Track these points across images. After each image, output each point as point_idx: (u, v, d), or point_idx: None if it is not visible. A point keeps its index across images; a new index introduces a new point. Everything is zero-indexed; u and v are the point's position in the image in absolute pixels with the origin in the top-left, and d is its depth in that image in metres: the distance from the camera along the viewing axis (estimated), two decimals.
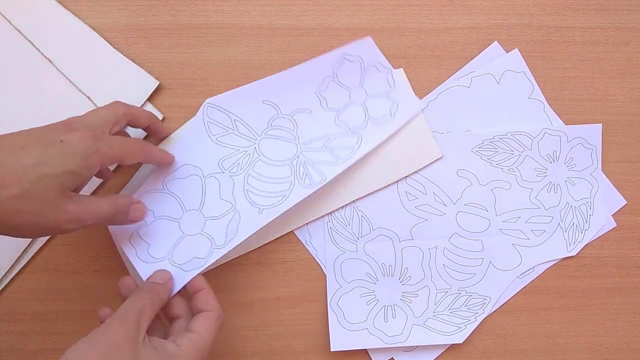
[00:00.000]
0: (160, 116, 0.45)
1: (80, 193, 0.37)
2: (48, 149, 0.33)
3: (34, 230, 0.33)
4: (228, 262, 0.45)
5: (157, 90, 0.45)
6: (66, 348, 0.31)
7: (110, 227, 0.42)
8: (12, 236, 0.34)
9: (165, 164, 0.43)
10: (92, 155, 0.35)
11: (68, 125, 0.36)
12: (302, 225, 0.46)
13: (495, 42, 0.47)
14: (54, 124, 0.36)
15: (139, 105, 0.45)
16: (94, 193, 0.45)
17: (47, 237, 0.45)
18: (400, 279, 0.46)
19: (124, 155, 0.37)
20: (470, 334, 0.46)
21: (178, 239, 0.41)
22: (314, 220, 0.46)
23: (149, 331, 0.36)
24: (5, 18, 0.45)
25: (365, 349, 0.46)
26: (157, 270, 0.40)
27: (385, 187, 0.46)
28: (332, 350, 0.44)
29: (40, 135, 0.34)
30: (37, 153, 0.33)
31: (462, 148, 0.47)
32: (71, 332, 0.45)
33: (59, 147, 0.34)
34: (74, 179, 0.34)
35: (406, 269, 0.46)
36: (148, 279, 0.40)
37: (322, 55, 0.45)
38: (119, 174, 0.45)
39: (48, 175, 0.33)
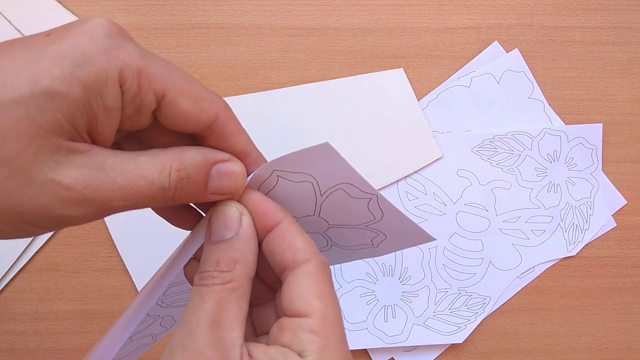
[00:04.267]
0: None
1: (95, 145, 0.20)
2: (15, 54, 0.19)
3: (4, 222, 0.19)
4: None
5: None
6: (66, 348, 0.31)
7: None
8: None
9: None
10: (104, 58, 0.19)
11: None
12: None
13: (495, 42, 0.47)
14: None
15: None
16: None
17: (48, 236, 0.45)
18: (400, 279, 0.46)
19: (169, 85, 0.20)
20: (470, 333, 0.46)
21: None
22: None
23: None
24: (5, 18, 0.45)
25: (365, 349, 0.46)
26: (215, 210, 0.23)
27: (385, 187, 0.46)
28: None
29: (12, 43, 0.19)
30: None
31: (462, 148, 0.47)
32: (71, 332, 0.45)
33: (40, 48, 0.19)
34: (69, 112, 0.19)
35: (406, 269, 0.46)
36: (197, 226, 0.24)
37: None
38: None
39: (4, 106, 0.18)
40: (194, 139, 0.23)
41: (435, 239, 0.26)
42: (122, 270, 0.44)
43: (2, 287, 0.44)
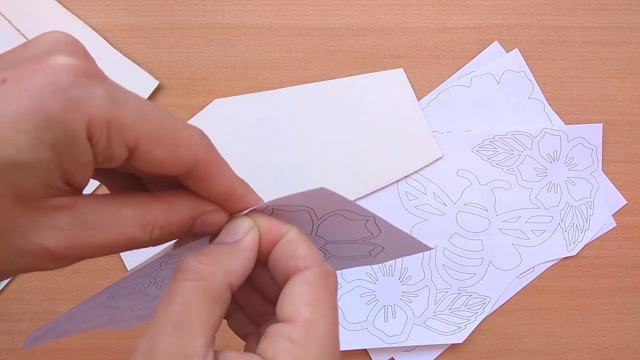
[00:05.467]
0: None
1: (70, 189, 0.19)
2: None
3: None
4: None
5: (157, 90, 0.45)
6: (66, 348, 0.31)
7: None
8: None
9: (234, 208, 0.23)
10: (69, 115, 0.17)
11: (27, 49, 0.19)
12: None
13: (495, 42, 0.47)
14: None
15: None
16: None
17: None
18: (400, 279, 0.46)
19: (142, 135, 0.19)
20: (470, 333, 0.46)
21: None
22: None
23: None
24: (5, 18, 0.45)
25: (365, 349, 0.46)
26: (232, 220, 0.22)
27: (385, 186, 0.46)
28: None
29: None
30: None
31: (462, 148, 0.47)
32: None
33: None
34: (41, 177, 0.17)
35: (406, 269, 0.46)
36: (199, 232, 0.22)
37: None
38: None
39: None
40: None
41: (432, 248, 0.26)
42: (122, 270, 0.44)
43: (2, 287, 0.44)
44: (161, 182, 0.23)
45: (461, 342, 0.46)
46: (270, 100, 0.46)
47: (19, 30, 0.45)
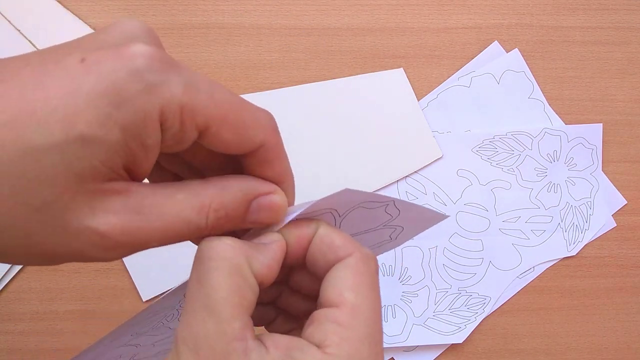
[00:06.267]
0: None
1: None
2: (47, 84, 0.17)
3: (26, 258, 0.19)
4: None
5: None
6: (66, 348, 0.31)
7: None
8: None
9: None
10: (144, 97, 0.18)
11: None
12: None
13: (495, 42, 0.47)
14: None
15: None
16: None
17: None
18: (400, 279, 0.46)
19: (212, 118, 0.19)
20: (470, 333, 0.46)
21: None
22: None
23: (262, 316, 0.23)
24: (5, 18, 0.45)
25: None
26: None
27: (385, 187, 0.46)
28: None
29: (41, 56, 0.18)
30: (19, 97, 0.17)
31: (462, 148, 0.47)
32: (71, 332, 0.45)
33: (75, 80, 0.17)
34: (106, 157, 0.18)
35: (406, 269, 0.46)
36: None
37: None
38: None
39: (40, 151, 0.17)
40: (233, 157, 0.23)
41: (448, 216, 0.26)
42: (122, 270, 0.44)
43: (2, 287, 0.44)
44: (211, 171, 0.23)
45: (461, 342, 0.46)
46: (270, 100, 0.46)
47: (19, 30, 0.45)
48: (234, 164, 0.23)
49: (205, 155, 0.23)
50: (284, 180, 0.23)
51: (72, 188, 0.17)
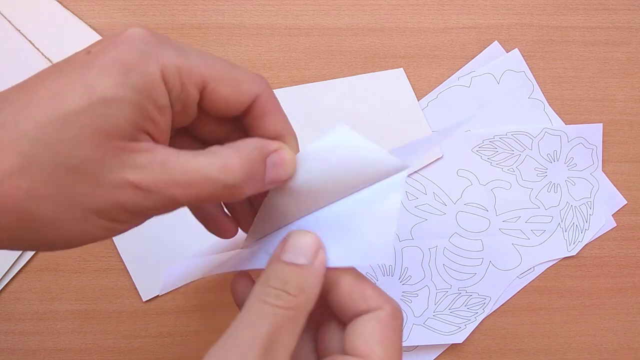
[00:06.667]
0: None
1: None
2: (65, 72, 0.20)
3: (68, 224, 0.20)
4: None
5: None
6: (66, 348, 0.32)
7: None
8: (32, 249, 0.24)
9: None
10: (145, 63, 0.20)
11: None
12: None
13: (495, 42, 0.47)
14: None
15: None
16: None
17: None
18: (400, 279, 0.46)
19: (208, 76, 0.22)
20: (470, 333, 0.46)
21: None
22: None
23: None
24: (5, 18, 0.45)
25: None
26: (294, 233, 0.24)
27: None
28: None
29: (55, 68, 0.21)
30: (52, 88, 0.20)
31: (462, 148, 0.47)
32: (71, 332, 0.45)
33: (86, 64, 0.20)
34: (128, 115, 0.20)
35: (406, 269, 0.46)
36: (272, 250, 0.24)
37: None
38: None
39: (68, 116, 0.19)
40: (237, 123, 0.25)
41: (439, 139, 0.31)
42: (122, 270, 0.44)
43: (2, 287, 0.44)
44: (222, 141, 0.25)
45: (461, 342, 0.46)
46: None
47: (19, 30, 0.45)
48: (240, 133, 0.25)
49: (214, 128, 0.25)
50: (286, 132, 0.25)
51: (103, 145, 0.19)
